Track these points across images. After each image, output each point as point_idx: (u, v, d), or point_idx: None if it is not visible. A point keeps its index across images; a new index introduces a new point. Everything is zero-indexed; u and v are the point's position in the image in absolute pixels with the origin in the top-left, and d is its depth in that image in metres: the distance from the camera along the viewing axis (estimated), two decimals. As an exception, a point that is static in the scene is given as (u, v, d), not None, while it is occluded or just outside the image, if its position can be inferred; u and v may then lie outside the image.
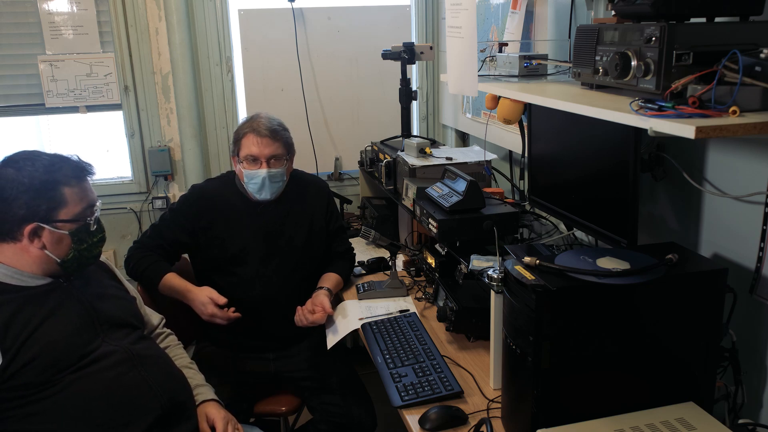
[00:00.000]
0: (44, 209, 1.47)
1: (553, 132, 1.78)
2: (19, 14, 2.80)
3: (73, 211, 1.51)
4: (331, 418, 2.09)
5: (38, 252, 1.50)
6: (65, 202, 1.50)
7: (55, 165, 1.52)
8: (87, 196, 1.55)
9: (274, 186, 2.06)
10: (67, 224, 1.51)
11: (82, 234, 1.53)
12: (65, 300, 1.55)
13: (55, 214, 1.49)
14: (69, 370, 1.47)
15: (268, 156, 2.02)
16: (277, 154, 2.04)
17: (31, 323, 1.46)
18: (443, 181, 2.12)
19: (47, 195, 1.48)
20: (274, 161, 2.04)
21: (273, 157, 2.03)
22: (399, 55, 2.66)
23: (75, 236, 1.52)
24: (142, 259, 2.07)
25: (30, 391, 1.43)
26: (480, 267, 1.78)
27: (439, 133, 3.36)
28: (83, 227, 1.53)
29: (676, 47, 1.16)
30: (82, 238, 1.54)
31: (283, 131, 2.08)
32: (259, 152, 2.02)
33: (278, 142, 2.04)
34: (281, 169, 2.05)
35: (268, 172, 2.02)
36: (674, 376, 1.29)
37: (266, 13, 3.03)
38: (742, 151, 1.39)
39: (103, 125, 3.04)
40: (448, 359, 1.72)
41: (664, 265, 1.26)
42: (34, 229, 1.48)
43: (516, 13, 2.14)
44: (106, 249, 3.04)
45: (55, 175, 1.50)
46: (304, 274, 2.16)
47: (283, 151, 2.06)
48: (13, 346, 1.42)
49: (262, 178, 2.03)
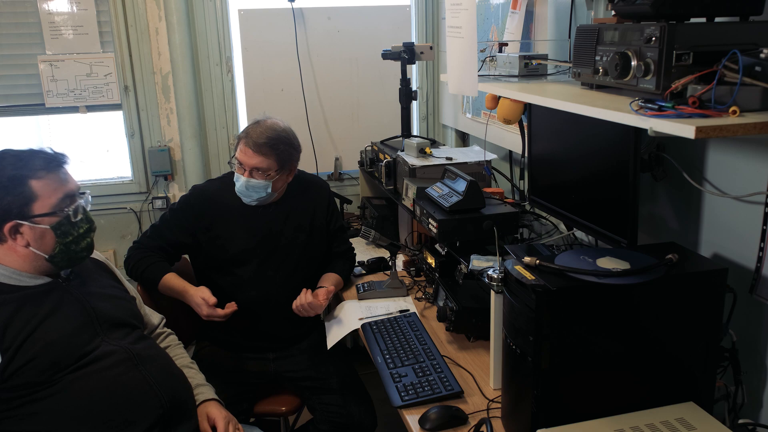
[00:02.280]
0: (17, 206, 1.45)
1: (553, 132, 1.78)
2: (19, 14, 2.80)
3: (47, 203, 1.48)
4: (331, 418, 2.09)
5: (24, 250, 1.49)
6: (36, 195, 1.47)
7: (23, 160, 1.49)
8: (62, 186, 1.52)
9: (254, 194, 2.05)
10: (45, 218, 1.48)
11: (64, 227, 1.51)
12: (64, 300, 1.54)
13: (29, 210, 1.47)
14: (68, 369, 1.47)
15: (250, 167, 2.01)
16: (260, 167, 2.00)
17: (30, 323, 1.45)
18: (443, 181, 2.12)
19: (16, 191, 1.45)
20: (257, 173, 2.01)
21: (255, 168, 2.01)
22: (399, 55, 2.66)
23: (57, 230, 1.50)
24: (142, 260, 2.07)
25: (30, 391, 1.43)
26: (480, 267, 1.78)
27: (439, 133, 3.36)
28: (65, 219, 1.50)
29: (676, 47, 1.16)
30: (66, 231, 1.51)
31: (277, 144, 2.02)
32: (244, 160, 2.02)
33: (263, 156, 1.99)
34: (262, 182, 2.01)
35: (247, 181, 2.02)
36: (674, 376, 1.29)
37: (266, 13, 3.02)
38: (742, 151, 1.39)
39: (103, 125, 3.04)
40: (448, 359, 1.72)
41: (664, 265, 1.26)
42: (13, 227, 1.46)
43: (516, 13, 2.14)
44: (106, 249, 3.05)
45: (21, 171, 1.47)
46: (304, 274, 2.15)
47: (270, 164, 2.01)
48: (12, 345, 1.42)
49: (242, 183, 2.03)
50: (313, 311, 2.01)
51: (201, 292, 1.97)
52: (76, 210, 1.53)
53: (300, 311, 2.01)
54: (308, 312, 2.01)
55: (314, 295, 2.01)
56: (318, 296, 2.00)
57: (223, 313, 1.95)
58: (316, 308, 2.01)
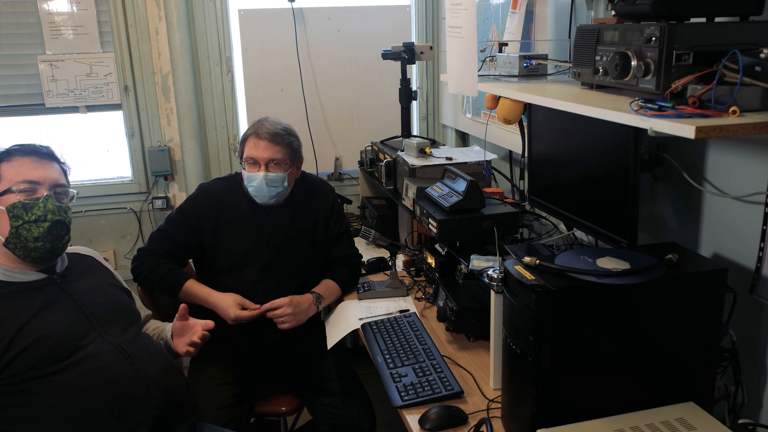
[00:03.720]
0: None
1: (553, 132, 1.78)
2: (19, 14, 2.80)
3: (6, 184, 1.53)
4: (330, 419, 2.09)
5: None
6: (1, 177, 1.53)
7: (5, 148, 1.56)
8: (31, 171, 1.55)
9: (273, 190, 2.04)
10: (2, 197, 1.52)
11: (16, 210, 1.52)
12: (58, 296, 1.56)
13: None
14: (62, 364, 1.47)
15: (266, 159, 2.01)
16: (276, 158, 2.01)
17: (21, 317, 1.47)
18: (443, 181, 2.12)
19: None
20: (273, 165, 2.02)
21: (272, 161, 2.01)
22: (399, 55, 2.66)
23: (10, 212, 1.51)
24: (157, 268, 2.06)
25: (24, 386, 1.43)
26: (480, 267, 1.78)
27: (439, 133, 3.36)
28: (18, 202, 1.52)
29: (676, 47, 1.16)
30: (17, 215, 1.52)
31: (287, 136, 2.05)
32: (257, 155, 2.01)
33: (278, 146, 2.02)
34: (280, 174, 2.02)
35: (265, 175, 2.01)
36: (674, 376, 1.29)
37: (266, 13, 3.02)
38: (742, 151, 1.39)
39: (103, 125, 3.04)
40: (448, 359, 1.72)
41: (664, 265, 1.26)
42: None
43: (516, 13, 2.14)
44: (106, 249, 3.05)
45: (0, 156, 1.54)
46: (305, 278, 2.15)
47: (284, 156, 2.03)
48: (4, 338, 1.43)
49: (260, 180, 2.02)
50: (293, 318, 2.01)
51: (233, 295, 2.00)
52: (35, 195, 1.54)
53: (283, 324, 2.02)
54: (290, 321, 2.01)
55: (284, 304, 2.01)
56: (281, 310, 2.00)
57: (248, 314, 1.97)
58: (291, 318, 2.01)
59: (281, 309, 1.99)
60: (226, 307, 1.97)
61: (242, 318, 1.97)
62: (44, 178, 1.56)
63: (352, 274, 2.26)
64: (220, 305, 1.99)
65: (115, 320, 1.63)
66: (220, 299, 2.01)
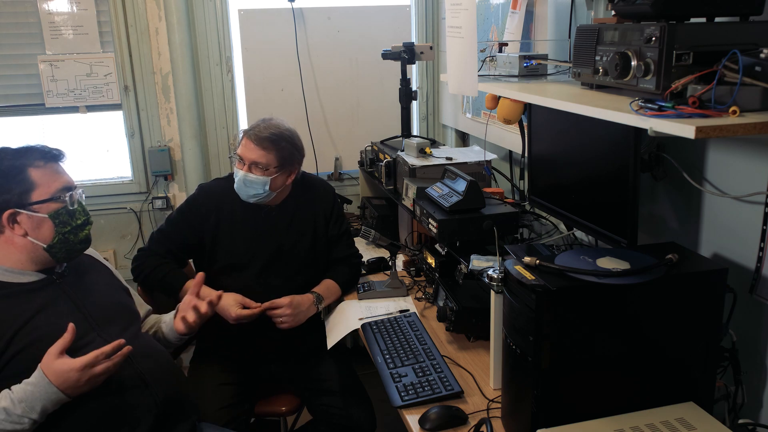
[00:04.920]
0: (16, 194, 1.49)
1: (553, 132, 1.78)
2: (19, 14, 2.80)
3: (46, 191, 1.53)
4: (331, 419, 2.09)
5: (23, 240, 1.51)
6: (35, 184, 1.51)
7: (21, 152, 1.54)
8: (60, 177, 1.56)
9: (250, 191, 2.04)
10: (43, 206, 1.52)
11: (62, 216, 1.54)
12: (57, 296, 1.56)
13: (28, 197, 1.50)
14: None
15: (249, 161, 2.01)
16: (259, 162, 2.00)
17: (21, 317, 1.47)
18: (443, 181, 2.12)
19: (16, 179, 1.50)
20: (255, 168, 2.01)
21: (254, 163, 2.01)
22: (399, 55, 2.66)
23: (56, 219, 1.53)
24: (158, 268, 2.06)
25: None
26: (480, 267, 1.78)
27: (439, 133, 3.36)
28: (63, 209, 1.54)
29: (676, 47, 1.16)
30: (64, 221, 1.54)
31: (279, 141, 2.03)
32: (243, 154, 2.03)
33: (263, 150, 2.00)
34: (260, 177, 2.01)
35: (245, 175, 2.02)
36: (674, 376, 1.29)
37: (266, 13, 3.02)
38: (742, 151, 1.39)
39: (103, 125, 3.04)
40: (448, 359, 1.72)
41: (664, 265, 1.26)
42: (11, 216, 1.49)
43: (516, 13, 2.14)
44: (106, 249, 3.05)
45: (21, 160, 1.52)
46: (306, 278, 2.14)
47: (269, 161, 2.01)
48: (4, 337, 1.43)
49: (240, 178, 2.03)
50: (293, 318, 2.01)
51: (234, 295, 1.99)
52: (73, 200, 1.57)
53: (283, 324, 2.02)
54: (290, 321, 2.01)
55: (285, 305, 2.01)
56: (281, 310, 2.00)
57: (249, 313, 1.96)
58: (290, 318, 2.00)
59: (281, 309, 1.99)
60: (228, 307, 1.97)
61: (244, 317, 1.96)
62: (71, 182, 1.59)
63: (352, 274, 2.26)
64: (221, 305, 1.99)
65: (114, 320, 1.63)
66: (222, 299, 2.00)
